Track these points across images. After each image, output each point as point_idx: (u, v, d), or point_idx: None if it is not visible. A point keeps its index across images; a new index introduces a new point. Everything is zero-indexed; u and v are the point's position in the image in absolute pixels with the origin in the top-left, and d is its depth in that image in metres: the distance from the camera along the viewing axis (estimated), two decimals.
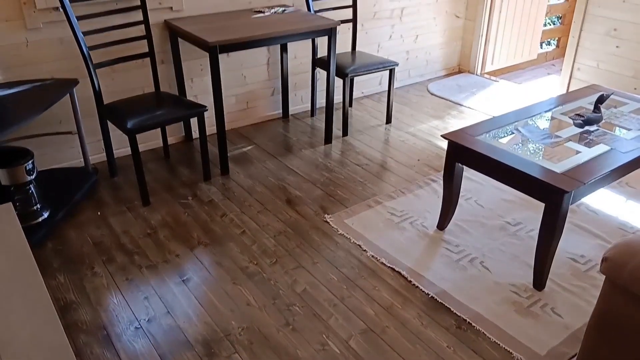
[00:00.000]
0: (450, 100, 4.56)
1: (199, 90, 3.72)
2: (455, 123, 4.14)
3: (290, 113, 4.26)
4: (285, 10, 3.63)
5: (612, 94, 2.91)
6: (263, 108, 4.12)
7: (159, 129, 3.60)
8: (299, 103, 4.30)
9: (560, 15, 6.04)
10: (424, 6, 4.71)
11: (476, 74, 5.13)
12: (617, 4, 3.97)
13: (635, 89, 4.03)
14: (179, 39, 3.43)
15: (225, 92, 3.83)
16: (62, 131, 3.23)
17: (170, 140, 3.73)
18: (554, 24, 6.40)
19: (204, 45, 3.03)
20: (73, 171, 3.25)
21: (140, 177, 2.95)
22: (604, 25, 4.10)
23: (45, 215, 2.79)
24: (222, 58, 3.72)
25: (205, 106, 3.10)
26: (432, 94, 4.71)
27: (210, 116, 3.80)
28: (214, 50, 2.97)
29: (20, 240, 1.37)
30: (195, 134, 3.83)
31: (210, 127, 3.84)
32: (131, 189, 3.18)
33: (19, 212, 2.69)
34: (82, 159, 3.31)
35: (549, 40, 6.16)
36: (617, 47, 4.07)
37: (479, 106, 4.43)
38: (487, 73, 5.17)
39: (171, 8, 3.39)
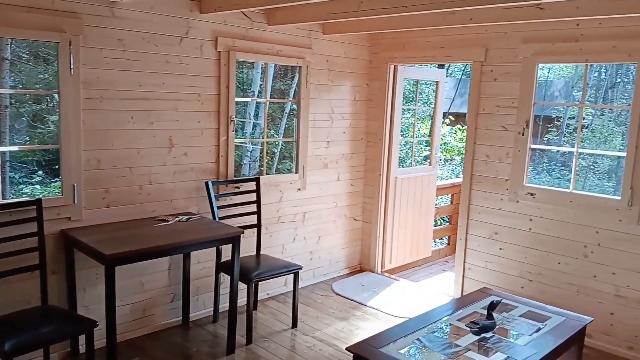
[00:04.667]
0: (354, 301, 4.62)
1: (91, 300, 3.50)
2: (360, 325, 4.13)
3: (190, 319, 4.06)
4: (190, 218, 3.68)
5: (500, 301, 3.10)
6: (161, 315, 3.91)
7: None
8: (200, 308, 4.15)
9: (448, 216, 6.66)
10: (324, 210, 5.01)
11: (377, 273, 5.32)
12: (494, 211, 4.45)
13: (522, 287, 4.33)
14: (75, 249, 3.30)
15: (120, 301, 3.61)
16: None
17: (53, 356, 3.35)
18: (446, 221, 7.00)
19: (100, 258, 2.93)
20: None
21: None
22: (486, 229, 4.53)
23: None
24: (120, 266, 3.59)
25: (96, 322, 2.89)
26: (336, 294, 4.76)
27: (101, 327, 3.51)
28: (111, 264, 2.87)
29: None
30: (83, 347, 3.48)
31: (101, 339, 3.52)
32: None
33: None
34: None
35: (441, 238, 6.67)
36: (500, 249, 4.46)
37: (382, 306, 4.51)
38: (387, 271, 5.38)
39: (69, 218, 3.33)
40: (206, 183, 3.90)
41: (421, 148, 9.46)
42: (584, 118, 11.71)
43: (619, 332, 3.85)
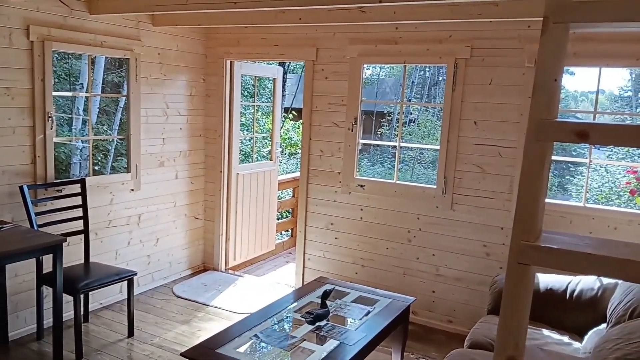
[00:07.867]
0: (196, 302, 4.51)
1: None
2: (202, 327, 4.06)
3: (10, 338, 3.63)
4: (2, 227, 3.27)
5: (333, 289, 3.25)
6: None
7: None
8: (22, 325, 3.73)
9: (291, 209, 6.82)
10: (162, 211, 4.81)
11: (221, 271, 5.26)
12: (330, 203, 4.66)
13: (356, 273, 4.60)
14: None
15: None
16: None
17: None
18: (289, 214, 7.16)
19: None
20: None
21: None
22: (323, 220, 4.73)
23: None
24: None
25: None
26: (177, 297, 4.61)
27: None
28: None
29: None
30: None
31: None
32: None
33: None
34: None
35: (287, 230, 6.81)
36: (336, 238, 4.69)
37: (226, 304, 4.47)
38: (231, 268, 5.35)
39: None
40: (20, 187, 3.49)
41: (266, 143, 9.55)
42: (411, 113, 12.80)
43: (439, 307, 4.28)
